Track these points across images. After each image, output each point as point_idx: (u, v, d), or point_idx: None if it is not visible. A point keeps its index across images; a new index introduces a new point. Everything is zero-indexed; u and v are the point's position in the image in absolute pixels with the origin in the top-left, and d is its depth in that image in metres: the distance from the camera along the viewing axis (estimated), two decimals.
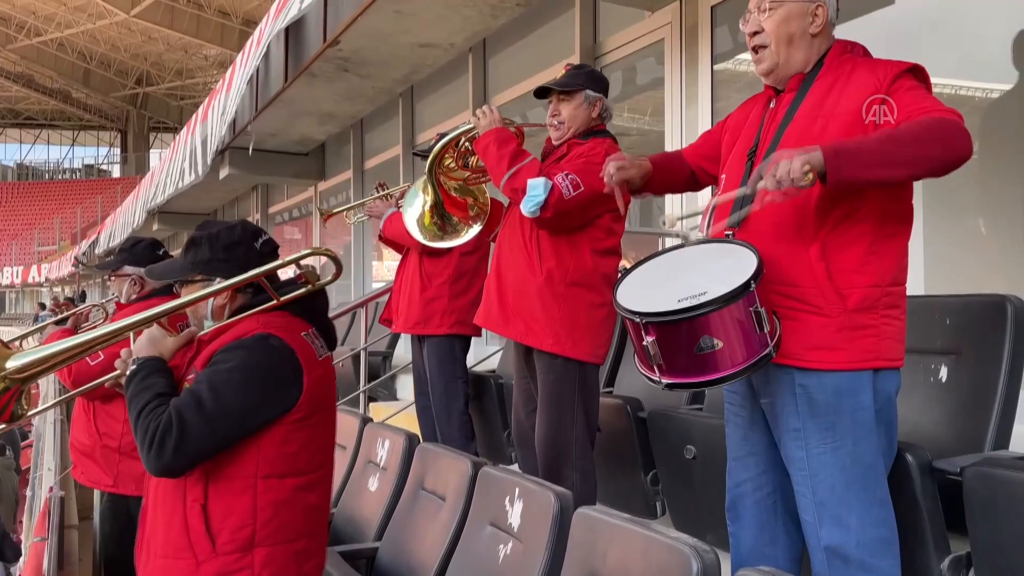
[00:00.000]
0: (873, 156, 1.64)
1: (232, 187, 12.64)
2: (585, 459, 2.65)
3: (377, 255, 9.53)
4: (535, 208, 2.50)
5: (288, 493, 1.84)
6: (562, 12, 5.85)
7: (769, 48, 1.91)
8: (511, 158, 2.59)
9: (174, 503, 1.82)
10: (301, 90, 7.54)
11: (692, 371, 1.75)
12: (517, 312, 2.65)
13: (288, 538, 1.85)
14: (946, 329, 2.29)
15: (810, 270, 1.79)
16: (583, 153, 2.64)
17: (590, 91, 2.73)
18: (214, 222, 2.09)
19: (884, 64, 1.83)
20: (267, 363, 1.82)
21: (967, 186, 3.65)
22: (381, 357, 6.13)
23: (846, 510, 1.79)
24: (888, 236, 1.80)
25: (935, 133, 1.65)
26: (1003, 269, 3.45)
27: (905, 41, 3.51)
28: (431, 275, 3.54)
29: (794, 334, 1.79)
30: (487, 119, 2.69)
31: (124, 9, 25.05)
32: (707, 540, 1.52)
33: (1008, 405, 2.15)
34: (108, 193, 31.82)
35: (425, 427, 3.65)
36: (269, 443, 1.82)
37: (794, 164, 1.60)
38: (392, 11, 5.72)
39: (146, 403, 1.77)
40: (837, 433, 1.79)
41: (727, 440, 2.05)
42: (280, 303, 1.95)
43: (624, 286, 1.89)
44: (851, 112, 1.79)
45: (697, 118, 4.68)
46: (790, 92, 1.92)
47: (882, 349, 1.79)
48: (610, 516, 1.67)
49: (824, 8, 1.90)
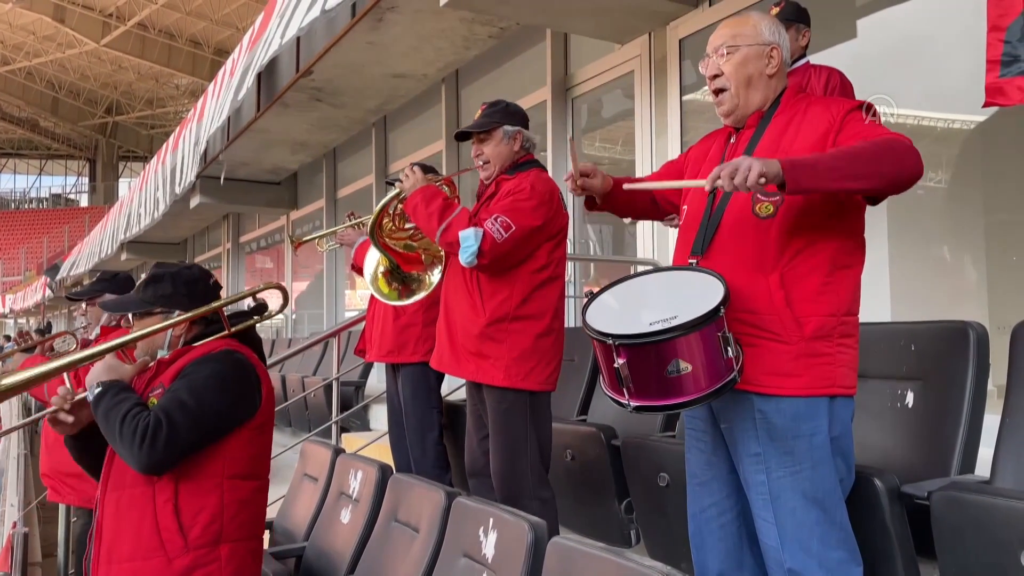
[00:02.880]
0: (829, 169, 1.71)
1: (203, 216, 12.56)
2: (542, 486, 2.68)
3: (350, 284, 9.49)
4: (471, 258, 2.56)
5: (249, 493, 2.06)
6: (534, 44, 5.93)
7: (729, 91, 1.98)
8: (439, 214, 2.64)
9: (143, 506, 1.96)
10: (274, 119, 7.55)
11: (661, 394, 1.77)
12: (466, 352, 2.70)
13: (247, 535, 2.06)
14: (911, 355, 2.33)
15: (770, 298, 1.84)
16: (510, 191, 2.69)
17: (507, 126, 2.78)
18: (168, 263, 2.32)
19: (837, 101, 1.93)
20: (236, 372, 2.05)
21: (931, 216, 3.74)
22: (354, 387, 6.08)
23: (807, 533, 1.82)
24: (843, 267, 1.87)
25: (886, 151, 1.74)
26: (966, 296, 3.53)
27: (869, 73, 3.60)
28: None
29: (753, 360, 1.83)
30: (411, 180, 2.75)
31: (94, 38, 24.90)
32: (681, 568, 1.52)
33: (973, 429, 2.19)
34: (75, 223, 31.45)
35: (399, 458, 3.62)
36: (235, 445, 2.03)
37: (751, 174, 1.67)
38: (365, 42, 5.77)
39: (128, 409, 1.91)
40: (796, 457, 1.83)
41: (688, 465, 2.07)
42: (231, 332, 2.17)
43: (593, 309, 1.91)
44: (808, 148, 1.86)
45: (667, 147, 4.76)
46: (749, 128, 2.00)
47: (837, 376, 1.84)
48: (584, 545, 1.67)
49: (779, 50, 1.98)
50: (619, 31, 4.90)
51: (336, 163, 9.31)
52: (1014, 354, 2.12)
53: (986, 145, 3.55)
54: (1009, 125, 3.34)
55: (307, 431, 5.76)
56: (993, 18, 2.25)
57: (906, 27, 3.77)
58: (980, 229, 3.51)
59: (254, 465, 2.08)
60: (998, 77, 2.20)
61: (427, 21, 5.50)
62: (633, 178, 2.29)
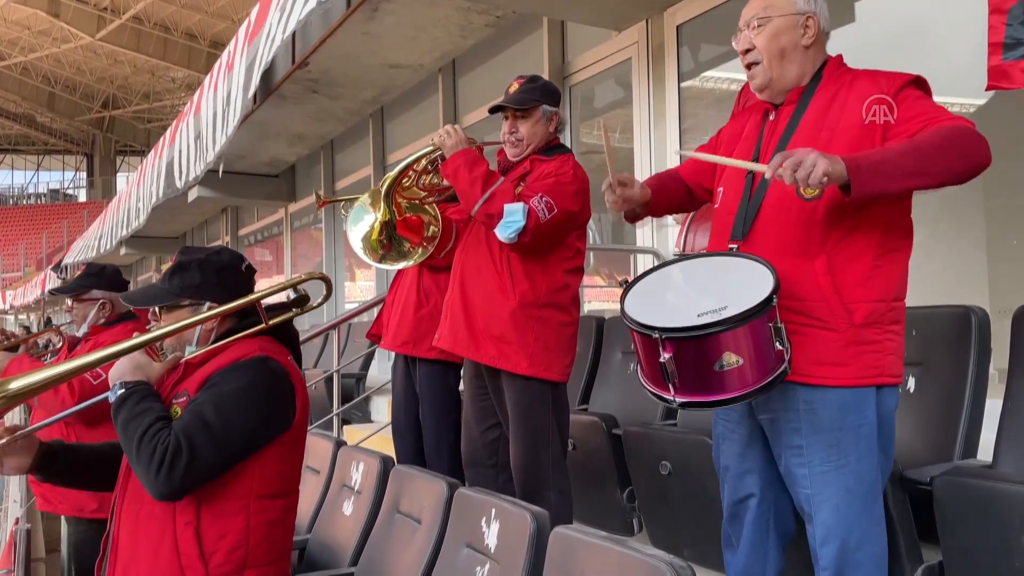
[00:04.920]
0: (895, 168, 1.63)
1: (202, 209, 12.53)
2: (561, 478, 2.64)
3: (350, 276, 9.48)
4: (513, 235, 2.45)
5: (278, 513, 1.88)
6: (531, 32, 5.90)
7: (762, 64, 1.88)
8: (483, 181, 2.52)
9: (162, 527, 1.79)
10: (270, 112, 7.52)
11: (709, 389, 1.69)
12: (488, 336, 2.59)
13: (275, 559, 1.87)
14: (913, 340, 2.32)
15: (816, 284, 1.76)
16: (551, 172, 2.59)
17: (547, 106, 2.67)
18: (196, 247, 2.09)
19: (886, 75, 1.82)
20: (268, 385, 1.84)
21: (931, 200, 3.72)
22: (355, 379, 6.08)
23: (847, 530, 1.76)
24: (891, 251, 1.79)
25: (954, 142, 1.66)
26: (967, 280, 3.52)
27: (868, 58, 3.58)
28: (429, 291, 3.23)
29: (799, 349, 1.75)
30: (453, 139, 2.60)
31: (89, 33, 24.80)
32: (684, 556, 1.52)
33: (975, 414, 2.18)
34: (74, 218, 31.35)
35: (401, 448, 3.44)
36: (265, 464, 1.84)
37: (816, 171, 1.58)
38: (361, 32, 5.73)
39: (148, 426, 1.74)
40: (841, 450, 1.76)
41: (722, 457, 1.99)
42: (268, 327, 1.97)
43: (632, 299, 1.81)
44: (856, 126, 1.77)
45: (665, 135, 4.73)
46: (790, 104, 1.89)
47: (885, 365, 1.78)
48: (586, 535, 1.67)
49: (815, 19, 1.87)
50: (616, 18, 4.87)
51: (334, 155, 9.28)
52: (1015, 338, 2.12)
53: (986, 129, 3.52)
54: (1009, 108, 3.32)
55: (309, 423, 5.75)
56: (995, 1, 2.22)
57: (905, 11, 3.75)
58: (981, 213, 3.49)
59: (284, 482, 1.89)
60: (1001, 60, 2.18)
61: (422, 10, 5.47)
62: (650, 178, 2.18)
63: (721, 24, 4.34)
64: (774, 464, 1.89)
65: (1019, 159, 3.33)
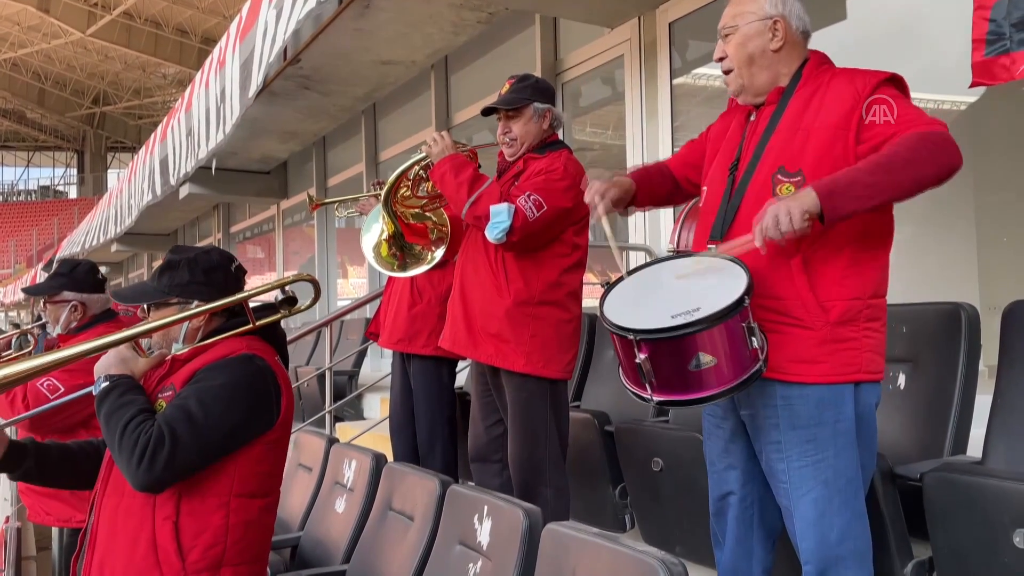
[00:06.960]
0: (865, 188, 1.65)
1: (193, 206, 12.49)
2: (559, 475, 2.65)
3: (342, 273, 9.47)
4: (501, 235, 2.47)
5: (256, 513, 1.88)
6: (523, 29, 5.90)
7: (733, 72, 1.93)
8: (469, 184, 2.54)
9: (140, 521, 1.80)
10: (262, 108, 7.49)
11: (684, 388, 1.72)
12: (486, 335, 2.61)
13: (251, 559, 1.88)
14: (902, 337, 2.33)
15: (792, 283, 1.79)
16: (542, 169, 2.60)
17: (538, 103, 2.68)
18: (186, 247, 2.10)
19: (862, 74, 1.83)
20: (253, 382, 1.86)
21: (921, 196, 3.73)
22: (347, 376, 6.07)
23: (827, 524, 1.78)
24: (868, 248, 1.82)
25: (924, 151, 1.68)
26: (957, 277, 3.53)
27: (858, 55, 3.59)
28: (423, 289, 3.32)
29: (777, 347, 1.78)
30: (439, 146, 2.64)
31: (80, 28, 24.67)
32: (676, 552, 1.53)
33: (964, 410, 2.19)
34: (64, 215, 31.23)
35: (399, 445, 3.45)
36: (246, 462, 1.85)
37: (794, 217, 1.62)
38: (352, 29, 5.72)
39: (131, 417, 1.75)
40: (818, 445, 1.78)
41: (706, 453, 2.03)
42: (256, 327, 1.99)
43: (610, 301, 1.84)
44: (831, 126, 1.79)
45: (658, 131, 4.74)
46: (770, 105, 1.92)
47: (863, 362, 1.80)
48: (579, 531, 1.67)
49: (783, 22, 1.89)
50: (608, 15, 4.87)
51: (326, 152, 9.26)
52: (1005, 335, 2.13)
53: (977, 126, 3.55)
54: (999, 106, 3.34)
55: (301, 421, 5.75)
56: None
57: (897, 8, 3.76)
58: (970, 210, 3.51)
59: (265, 482, 1.90)
60: (984, 56, 2.18)
61: (415, 7, 5.46)
62: (637, 167, 2.20)
63: (713, 21, 4.30)
64: (757, 460, 1.91)
65: (1009, 156, 3.34)
